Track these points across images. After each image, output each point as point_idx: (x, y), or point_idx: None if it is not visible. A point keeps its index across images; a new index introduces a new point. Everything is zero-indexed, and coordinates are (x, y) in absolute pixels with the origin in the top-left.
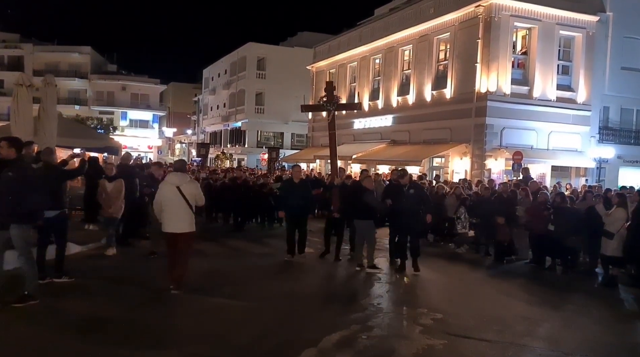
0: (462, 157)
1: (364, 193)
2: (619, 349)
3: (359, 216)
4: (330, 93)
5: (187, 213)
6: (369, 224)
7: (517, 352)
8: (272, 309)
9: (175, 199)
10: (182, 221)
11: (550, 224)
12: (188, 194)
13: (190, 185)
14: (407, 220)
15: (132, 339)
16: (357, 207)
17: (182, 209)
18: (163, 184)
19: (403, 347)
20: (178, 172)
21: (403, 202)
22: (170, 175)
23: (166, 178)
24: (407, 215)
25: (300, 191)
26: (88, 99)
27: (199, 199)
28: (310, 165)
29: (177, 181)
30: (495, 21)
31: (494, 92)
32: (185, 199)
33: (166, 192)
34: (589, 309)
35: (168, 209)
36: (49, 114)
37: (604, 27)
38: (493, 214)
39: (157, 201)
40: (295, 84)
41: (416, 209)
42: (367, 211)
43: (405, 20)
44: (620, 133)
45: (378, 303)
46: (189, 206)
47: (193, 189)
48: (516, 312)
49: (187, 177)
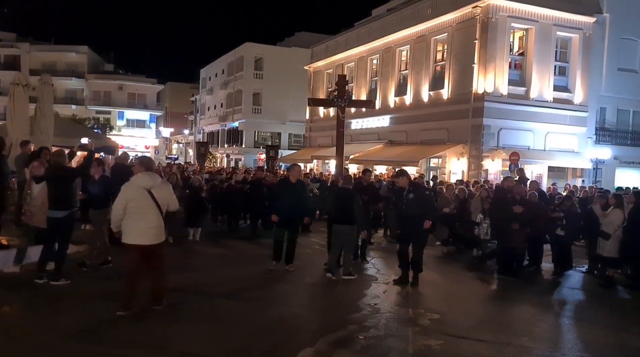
0: (459, 157)
1: (351, 197)
2: (616, 350)
3: (338, 220)
4: (342, 88)
5: (158, 221)
6: (349, 230)
7: (514, 352)
8: (268, 309)
9: (144, 204)
10: (153, 230)
11: (560, 228)
12: (160, 198)
13: (163, 187)
14: (407, 228)
15: (125, 340)
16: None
17: (152, 216)
18: (128, 186)
19: (400, 348)
20: (148, 173)
21: (402, 208)
22: (138, 175)
23: (132, 179)
24: (407, 223)
25: (296, 192)
26: (85, 99)
27: (172, 204)
28: (307, 166)
29: (149, 183)
30: (493, 22)
31: (491, 93)
32: (156, 205)
33: (133, 195)
34: (586, 310)
35: (135, 216)
36: (46, 113)
37: (601, 28)
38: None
39: (119, 205)
40: (292, 84)
41: (417, 215)
42: (348, 215)
43: (402, 21)
44: (616, 134)
45: (375, 304)
46: (160, 212)
47: (166, 193)
48: (513, 313)
49: (158, 178)
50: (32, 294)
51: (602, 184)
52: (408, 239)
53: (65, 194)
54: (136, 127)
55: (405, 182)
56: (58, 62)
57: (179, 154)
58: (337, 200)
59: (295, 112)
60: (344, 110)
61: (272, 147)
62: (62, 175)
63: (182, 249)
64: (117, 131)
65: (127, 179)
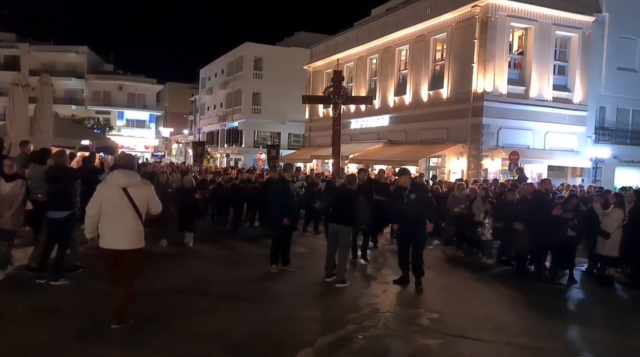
0: (459, 157)
1: (353, 198)
2: (615, 349)
3: (333, 219)
4: (338, 84)
5: (135, 224)
6: (345, 230)
7: (513, 352)
8: (267, 309)
9: (120, 205)
10: (129, 233)
11: (571, 229)
12: (138, 198)
13: (142, 187)
14: (407, 230)
15: (125, 340)
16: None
17: (128, 219)
18: (103, 185)
19: (399, 347)
20: (125, 170)
21: (401, 208)
22: (114, 173)
23: (108, 177)
24: (408, 224)
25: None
26: (84, 99)
27: (153, 205)
28: (307, 165)
29: (124, 181)
30: (492, 21)
31: (490, 92)
32: (133, 206)
33: (108, 195)
34: (585, 309)
35: (109, 217)
36: (45, 113)
37: (600, 28)
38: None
39: (93, 206)
40: (292, 84)
41: (418, 216)
42: (346, 215)
43: (402, 21)
44: (616, 133)
45: (374, 303)
46: (137, 214)
47: (145, 193)
48: (512, 313)
49: (136, 176)
50: (32, 294)
51: (602, 183)
52: (407, 239)
53: (66, 194)
54: (136, 127)
55: (406, 181)
56: (58, 62)
57: (178, 154)
58: (337, 200)
59: (295, 112)
60: (337, 106)
61: (273, 146)
62: (63, 176)
63: (183, 250)
64: (116, 131)
65: None
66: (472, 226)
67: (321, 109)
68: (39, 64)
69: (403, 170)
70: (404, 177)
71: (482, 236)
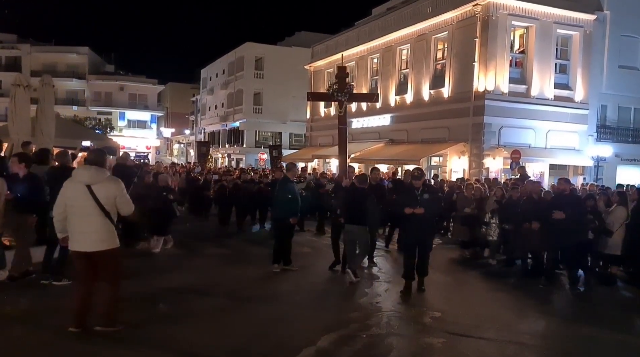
0: (460, 156)
1: (365, 197)
2: (617, 347)
3: (352, 220)
4: (343, 81)
5: (103, 224)
6: (361, 230)
7: (516, 350)
8: (269, 308)
9: (84, 203)
10: (94, 234)
11: (591, 232)
12: (103, 197)
13: (108, 185)
14: (418, 232)
15: (126, 339)
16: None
17: (94, 219)
18: (67, 182)
19: (402, 346)
20: (90, 167)
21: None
22: (77, 170)
23: (73, 173)
24: (419, 226)
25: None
26: (86, 100)
27: (122, 206)
28: (309, 165)
29: (87, 178)
30: (493, 20)
31: (491, 91)
32: (98, 204)
33: (73, 193)
34: (587, 308)
35: (74, 218)
36: (47, 114)
37: (602, 26)
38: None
39: (58, 205)
40: (293, 84)
41: (429, 218)
42: (360, 215)
43: (402, 20)
44: (617, 131)
45: (377, 302)
46: (104, 213)
47: (111, 190)
48: (515, 311)
49: (104, 173)
50: (35, 294)
51: (604, 181)
52: (416, 243)
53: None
54: (137, 128)
55: (421, 182)
56: (59, 63)
57: (179, 154)
58: (351, 200)
59: (296, 111)
60: (342, 105)
61: (276, 146)
62: (66, 176)
63: (185, 250)
64: (118, 132)
65: (129, 180)
66: (479, 226)
67: (322, 108)
68: (40, 64)
69: (421, 172)
70: (421, 180)
71: (488, 237)
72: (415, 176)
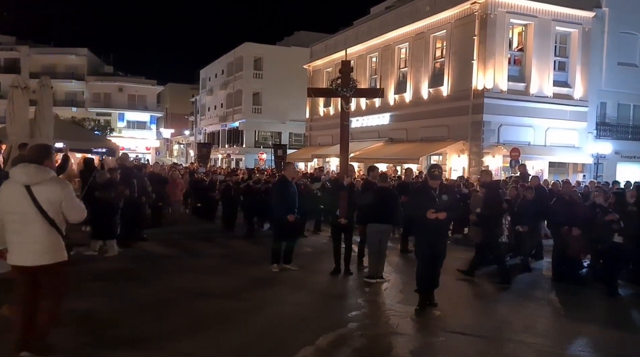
0: (460, 154)
1: (392, 196)
2: (616, 343)
3: (379, 219)
4: (346, 75)
5: (46, 234)
6: (388, 229)
7: (514, 348)
8: (269, 308)
9: (23, 209)
10: (36, 246)
11: (617, 234)
12: (45, 200)
13: (51, 186)
14: (434, 239)
15: (126, 338)
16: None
17: (35, 226)
18: (5, 184)
19: (400, 345)
20: (29, 165)
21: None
22: (15, 168)
23: (10, 173)
24: (436, 231)
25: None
26: (85, 101)
27: (69, 211)
28: (308, 164)
29: (25, 178)
30: (491, 18)
31: (490, 89)
32: (39, 209)
33: (10, 197)
34: (587, 305)
35: (12, 225)
36: (45, 116)
37: (600, 23)
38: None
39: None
40: (292, 84)
41: (447, 223)
42: (388, 213)
43: (401, 18)
44: (617, 129)
45: (376, 302)
46: (48, 220)
47: (55, 194)
48: (514, 310)
49: (46, 172)
50: None
51: (604, 178)
52: (433, 252)
53: None
54: (137, 129)
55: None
56: (58, 64)
57: (179, 155)
58: (379, 199)
59: (296, 111)
60: (348, 100)
61: (280, 146)
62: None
63: (183, 251)
64: (117, 133)
65: (129, 179)
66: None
67: (322, 108)
68: (39, 66)
69: (439, 168)
70: (439, 179)
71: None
72: (434, 175)
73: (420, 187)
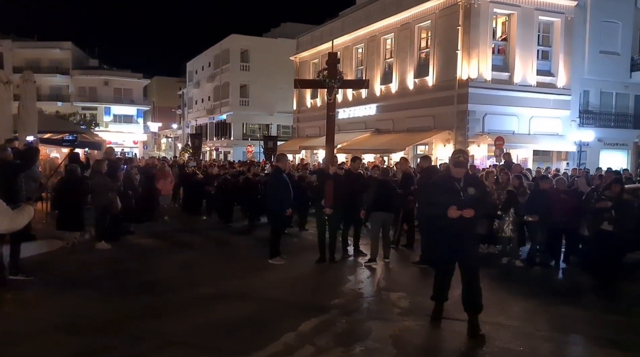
0: (446, 144)
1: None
2: (592, 327)
3: (383, 208)
4: (333, 67)
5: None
6: (391, 218)
7: (490, 330)
8: (252, 296)
9: None
10: None
11: (608, 222)
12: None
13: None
14: (456, 241)
15: (111, 327)
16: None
17: None
18: None
19: (380, 329)
20: None
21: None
22: None
23: None
24: (459, 232)
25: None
26: (70, 95)
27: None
28: (296, 156)
29: None
30: (475, 8)
31: (475, 79)
32: None
33: None
34: (563, 289)
35: None
36: (29, 110)
37: (582, 12)
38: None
39: None
40: (279, 76)
41: (474, 222)
42: (391, 203)
43: (386, 9)
44: (600, 116)
45: (359, 288)
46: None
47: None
48: (494, 294)
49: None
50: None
51: (587, 166)
52: (453, 257)
53: (8, 189)
54: (123, 123)
55: (464, 171)
56: (42, 58)
57: (167, 148)
58: (382, 190)
59: (283, 103)
60: (332, 91)
61: (271, 138)
62: (5, 171)
63: (173, 243)
64: (104, 127)
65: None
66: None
67: (309, 99)
68: (23, 60)
69: (464, 153)
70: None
71: (501, 232)
72: (459, 162)
73: (440, 178)
